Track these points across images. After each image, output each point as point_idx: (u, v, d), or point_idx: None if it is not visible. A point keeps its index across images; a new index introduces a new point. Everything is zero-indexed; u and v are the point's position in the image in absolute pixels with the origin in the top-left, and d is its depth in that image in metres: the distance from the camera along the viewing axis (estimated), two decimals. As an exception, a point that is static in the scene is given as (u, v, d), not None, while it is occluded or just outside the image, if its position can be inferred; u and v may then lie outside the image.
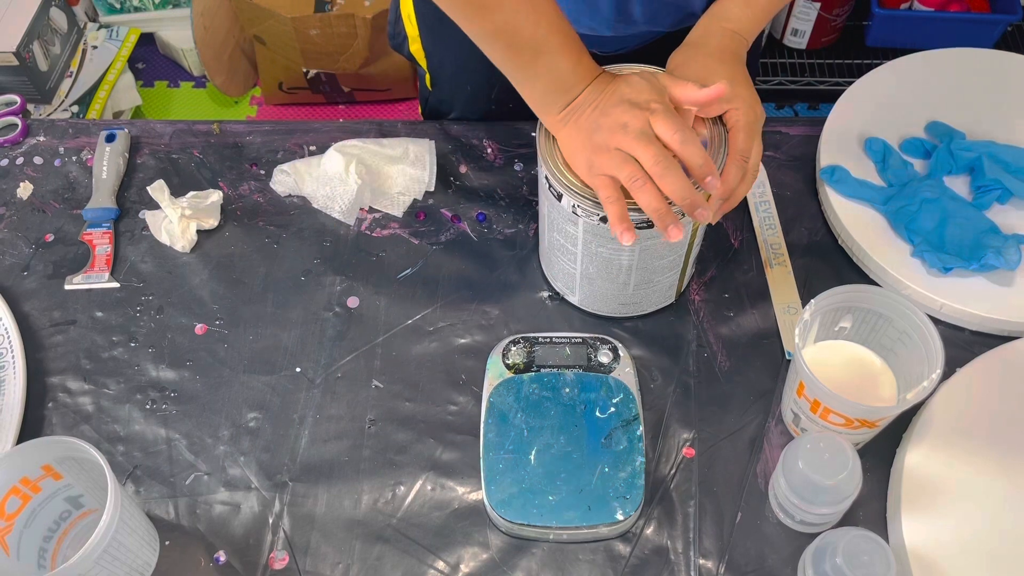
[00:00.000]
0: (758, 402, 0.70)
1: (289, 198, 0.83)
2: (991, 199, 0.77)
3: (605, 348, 0.70)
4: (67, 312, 0.77)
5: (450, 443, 0.69)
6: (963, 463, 0.64)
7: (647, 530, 0.65)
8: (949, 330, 0.72)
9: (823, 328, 0.67)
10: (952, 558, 0.60)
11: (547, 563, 0.63)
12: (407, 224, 0.81)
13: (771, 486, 0.65)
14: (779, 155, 0.84)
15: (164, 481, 0.68)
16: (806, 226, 0.80)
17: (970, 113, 0.82)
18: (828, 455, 0.58)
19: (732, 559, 0.63)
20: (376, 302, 0.76)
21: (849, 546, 0.55)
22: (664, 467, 0.67)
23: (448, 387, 0.72)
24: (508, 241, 0.80)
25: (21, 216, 0.83)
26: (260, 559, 0.64)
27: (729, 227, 0.80)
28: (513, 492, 0.63)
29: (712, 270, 0.77)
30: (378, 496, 0.67)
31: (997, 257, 0.72)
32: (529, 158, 0.85)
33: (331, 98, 1.99)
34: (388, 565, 0.64)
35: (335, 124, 0.89)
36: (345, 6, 1.77)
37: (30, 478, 0.60)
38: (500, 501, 0.63)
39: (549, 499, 0.63)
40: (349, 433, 0.70)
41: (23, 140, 0.89)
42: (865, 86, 0.85)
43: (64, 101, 1.76)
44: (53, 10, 1.75)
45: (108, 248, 0.80)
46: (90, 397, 0.72)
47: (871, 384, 0.67)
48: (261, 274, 0.78)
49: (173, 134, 0.89)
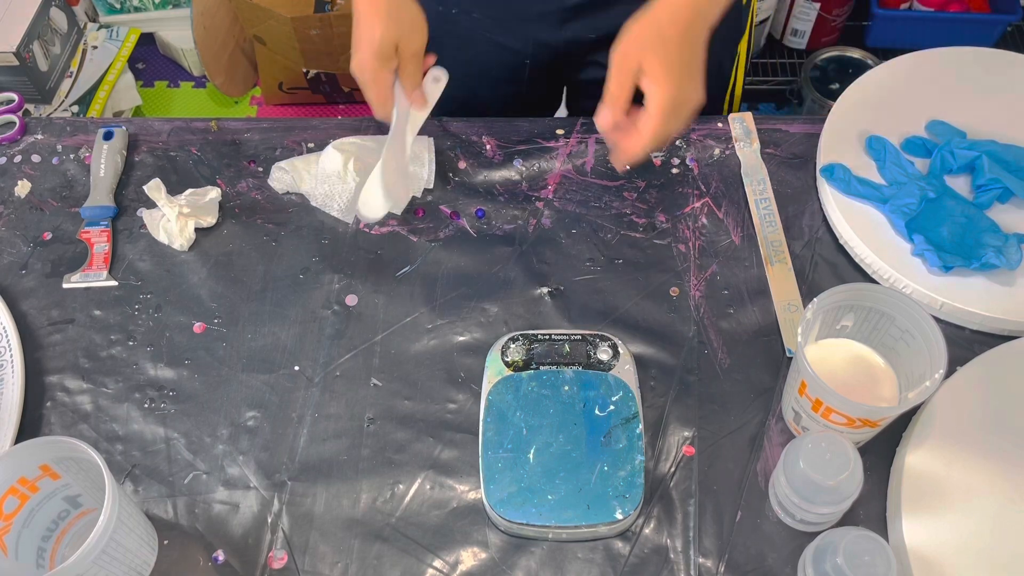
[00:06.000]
0: (758, 400, 0.70)
1: (287, 196, 0.83)
2: (991, 198, 0.76)
3: (605, 345, 0.69)
4: (65, 311, 0.77)
5: (449, 442, 0.69)
6: (964, 462, 0.63)
7: (647, 529, 0.64)
8: (949, 329, 0.72)
9: (825, 326, 0.67)
10: (952, 558, 0.60)
11: (546, 562, 0.63)
12: (406, 221, 0.81)
13: (771, 485, 0.64)
14: (779, 153, 0.84)
15: (163, 480, 0.68)
16: (806, 224, 0.80)
17: (970, 113, 0.82)
18: (829, 455, 0.58)
19: (732, 558, 0.63)
20: (375, 300, 0.76)
21: (850, 546, 0.55)
22: (664, 465, 0.67)
23: (447, 385, 0.71)
24: (507, 237, 0.79)
25: (19, 214, 0.83)
26: (259, 558, 0.64)
27: (730, 224, 0.80)
28: (512, 491, 0.63)
29: (712, 267, 0.77)
30: (377, 495, 0.66)
31: (998, 256, 0.71)
32: (528, 154, 0.85)
33: (331, 98, 1.99)
34: (387, 564, 0.64)
35: (333, 121, 0.89)
36: (345, 6, 1.77)
37: (28, 478, 0.60)
38: (499, 500, 0.63)
39: (548, 498, 0.63)
40: (348, 432, 0.69)
41: (21, 138, 0.89)
42: (865, 85, 0.85)
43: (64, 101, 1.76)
44: (53, 10, 1.75)
45: (106, 246, 0.80)
46: (88, 396, 0.72)
47: (872, 383, 0.66)
48: (259, 272, 0.78)
49: (171, 132, 0.88)
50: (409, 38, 0.72)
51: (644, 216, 0.80)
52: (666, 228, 0.79)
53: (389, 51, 0.71)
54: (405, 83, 0.74)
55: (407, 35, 0.72)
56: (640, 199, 0.81)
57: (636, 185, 0.82)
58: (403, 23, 0.71)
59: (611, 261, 0.78)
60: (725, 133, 0.86)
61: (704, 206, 0.81)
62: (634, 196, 0.82)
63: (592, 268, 0.77)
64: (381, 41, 0.70)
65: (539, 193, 0.82)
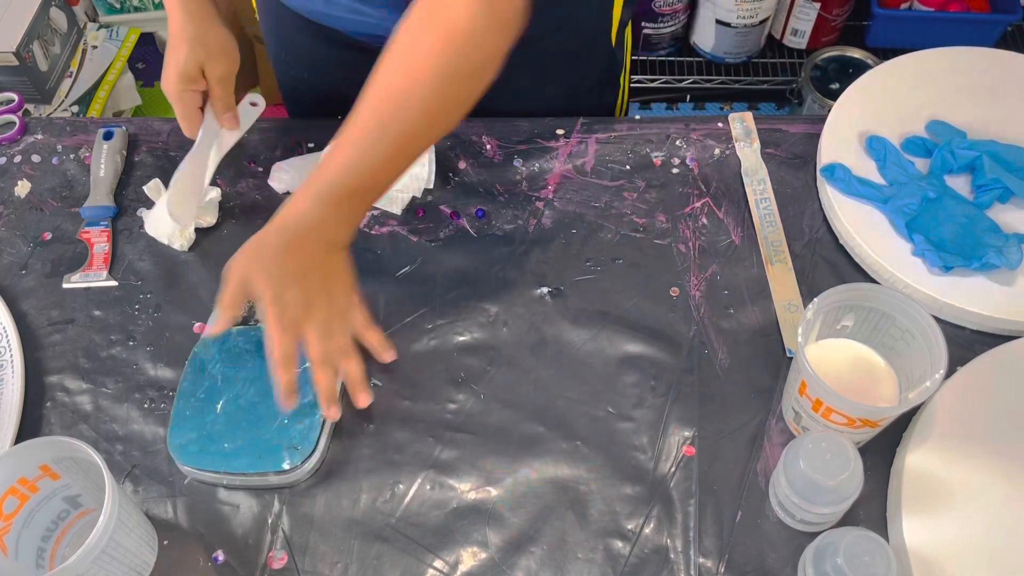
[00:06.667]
0: (758, 400, 0.70)
1: (287, 196, 0.83)
2: (992, 198, 0.76)
3: None
4: (65, 311, 0.77)
5: (449, 441, 0.69)
6: (964, 462, 0.63)
7: (647, 529, 0.64)
8: (950, 329, 0.72)
9: (825, 326, 0.67)
10: (952, 558, 0.60)
11: (546, 562, 0.63)
12: (406, 221, 0.81)
13: (771, 485, 0.64)
14: (780, 153, 0.84)
15: (163, 480, 0.68)
16: (806, 224, 0.79)
17: (970, 113, 0.82)
18: (830, 455, 0.58)
19: (732, 558, 0.63)
20: (375, 300, 0.76)
21: (850, 546, 0.55)
22: (664, 465, 0.67)
23: (447, 385, 0.71)
24: (507, 237, 0.79)
25: (19, 214, 0.83)
26: (259, 558, 0.64)
27: (730, 224, 0.79)
28: (192, 438, 0.66)
29: (713, 267, 0.77)
30: (377, 495, 0.66)
31: (998, 256, 0.71)
32: (528, 154, 0.85)
33: (331, 98, 1.99)
34: (387, 564, 0.63)
35: (333, 121, 0.88)
36: (345, 6, 1.76)
37: (28, 478, 0.60)
38: (178, 446, 0.66)
39: (225, 447, 0.65)
40: (348, 431, 0.69)
41: (21, 138, 0.89)
42: (865, 85, 0.85)
43: (64, 101, 1.75)
44: (53, 10, 1.75)
45: (106, 246, 0.80)
46: (88, 396, 0.72)
47: (873, 383, 0.66)
48: (260, 272, 0.78)
49: (171, 131, 0.88)
50: (216, 62, 0.76)
51: (644, 216, 0.80)
52: (666, 228, 0.79)
53: (194, 73, 0.76)
54: (215, 105, 0.78)
55: (214, 59, 0.76)
56: (640, 199, 0.81)
57: (636, 185, 0.82)
58: (210, 47, 0.76)
59: (611, 261, 0.78)
60: (725, 133, 0.86)
61: (704, 206, 0.81)
62: (634, 196, 0.82)
63: (592, 268, 0.77)
64: (185, 63, 0.75)
65: (539, 193, 0.82)
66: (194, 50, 0.75)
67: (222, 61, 0.77)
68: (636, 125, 0.86)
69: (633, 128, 0.86)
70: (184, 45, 0.75)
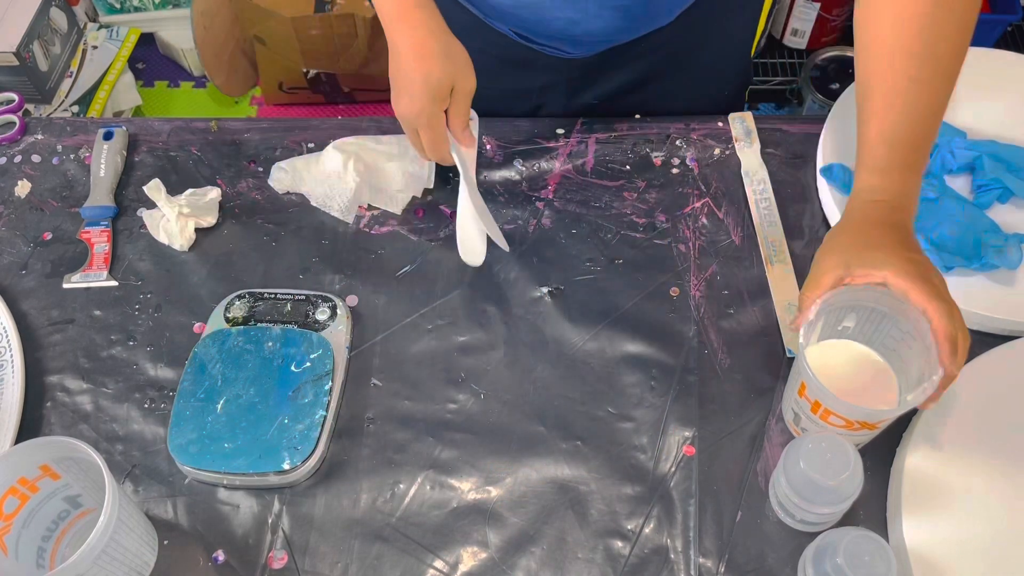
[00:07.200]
0: (758, 400, 0.70)
1: (287, 196, 0.83)
2: (992, 198, 0.76)
3: (325, 306, 0.73)
4: (65, 311, 0.77)
5: (449, 441, 0.69)
6: (963, 463, 0.63)
7: (647, 529, 0.64)
8: (950, 329, 0.72)
9: (826, 327, 0.67)
10: (952, 558, 0.60)
11: (546, 562, 0.63)
12: (406, 221, 0.81)
13: (771, 485, 0.64)
14: (780, 153, 0.84)
15: (163, 480, 0.68)
16: (806, 224, 0.79)
17: (970, 113, 0.82)
18: (830, 455, 0.58)
19: (732, 558, 0.63)
20: (375, 300, 0.76)
21: (850, 546, 0.55)
22: (664, 465, 0.67)
23: (447, 385, 0.71)
24: (507, 237, 0.79)
25: (19, 214, 0.83)
26: (259, 558, 0.64)
27: (730, 224, 0.79)
28: (192, 438, 0.66)
29: (712, 267, 0.77)
30: (377, 495, 0.66)
31: (998, 256, 0.71)
32: (528, 154, 0.85)
33: (331, 98, 1.99)
34: (387, 564, 0.64)
35: (334, 121, 0.89)
36: (345, 6, 1.77)
37: (28, 478, 0.60)
38: (178, 446, 0.66)
39: (225, 447, 0.65)
40: (348, 431, 0.69)
41: (21, 138, 0.89)
42: (866, 84, 0.85)
43: (64, 101, 1.76)
44: (53, 10, 1.75)
45: (106, 246, 0.80)
46: (88, 396, 0.72)
47: (873, 384, 0.66)
48: (259, 272, 0.78)
49: (171, 132, 0.88)
50: (465, 76, 0.72)
51: (644, 216, 0.80)
52: (666, 228, 0.79)
53: (445, 92, 0.71)
54: (456, 122, 0.74)
55: (462, 74, 0.71)
56: (640, 199, 0.81)
57: (636, 185, 0.82)
58: (457, 62, 0.71)
59: (611, 261, 0.78)
60: (725, 133, 0.86)
61: (704, 206, 0.81)
62: (634, 196, 0.82)
63: (592, 268, 0.77)
64: (439, 83, 0.70)
65: (539, 193, 0.82)
66: (444, 67, 0.70)
67: (469, 74, 0.72)
68: (636, 125, 0.86)
69: (633, 128, 0.86)
70: (434, 62, 0.69)
